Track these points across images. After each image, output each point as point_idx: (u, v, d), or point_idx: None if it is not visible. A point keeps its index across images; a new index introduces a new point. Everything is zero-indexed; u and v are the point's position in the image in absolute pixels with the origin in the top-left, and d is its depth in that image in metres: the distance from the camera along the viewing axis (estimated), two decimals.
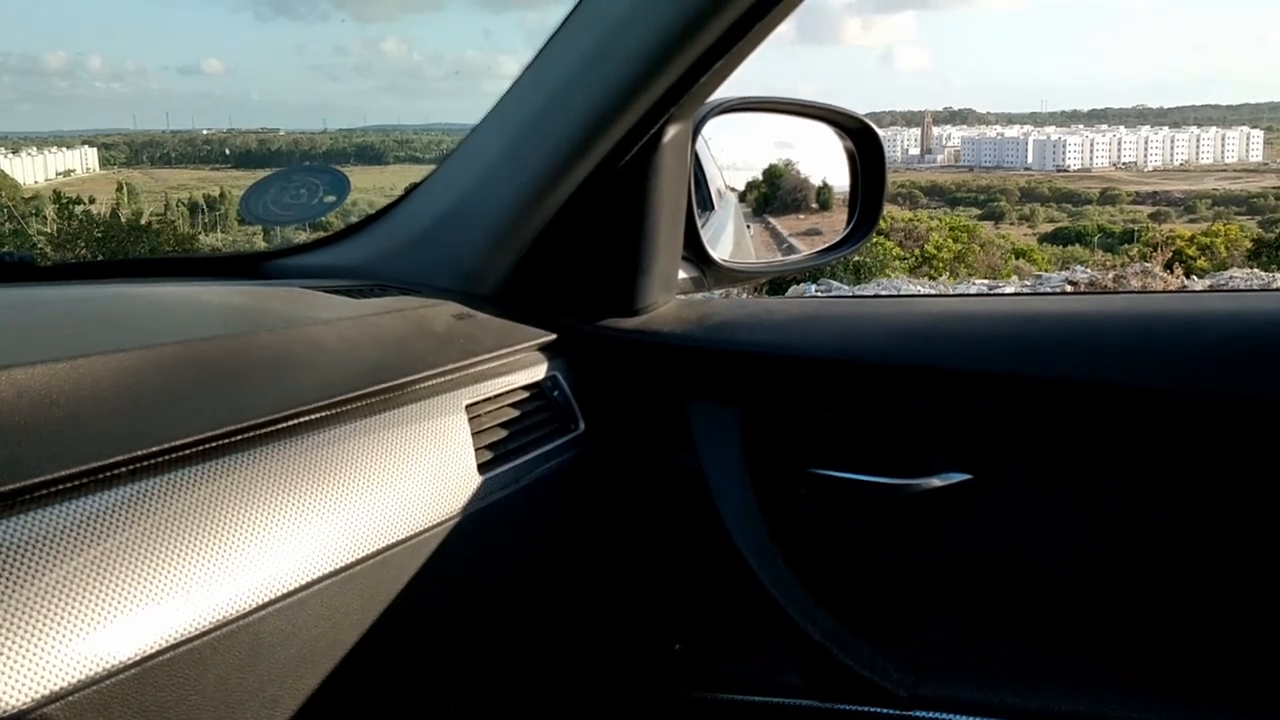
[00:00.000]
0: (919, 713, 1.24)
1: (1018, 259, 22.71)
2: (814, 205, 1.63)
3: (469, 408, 1.14)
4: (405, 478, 1.02)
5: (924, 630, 1.30)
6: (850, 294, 8.27)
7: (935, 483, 1.24)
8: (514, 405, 1.22)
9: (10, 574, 0.68)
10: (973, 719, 1.23)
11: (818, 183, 1.64)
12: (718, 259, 1.45)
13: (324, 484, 0.93)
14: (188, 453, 0.83)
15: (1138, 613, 1.21)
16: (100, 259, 10.56)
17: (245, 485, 0.86)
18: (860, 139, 1.54)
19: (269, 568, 0.85)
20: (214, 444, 0.85)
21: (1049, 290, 8.27)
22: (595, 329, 1.35)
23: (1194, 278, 10.30)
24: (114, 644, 0.73)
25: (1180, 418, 1.14)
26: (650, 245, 1.32)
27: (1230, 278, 10.16)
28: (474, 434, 1.12)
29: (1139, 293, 2.70)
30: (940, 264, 19.16)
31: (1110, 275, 8.21)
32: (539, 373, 1.27)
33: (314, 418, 0.95)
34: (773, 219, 1.60)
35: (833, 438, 1.31)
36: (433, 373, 1.10)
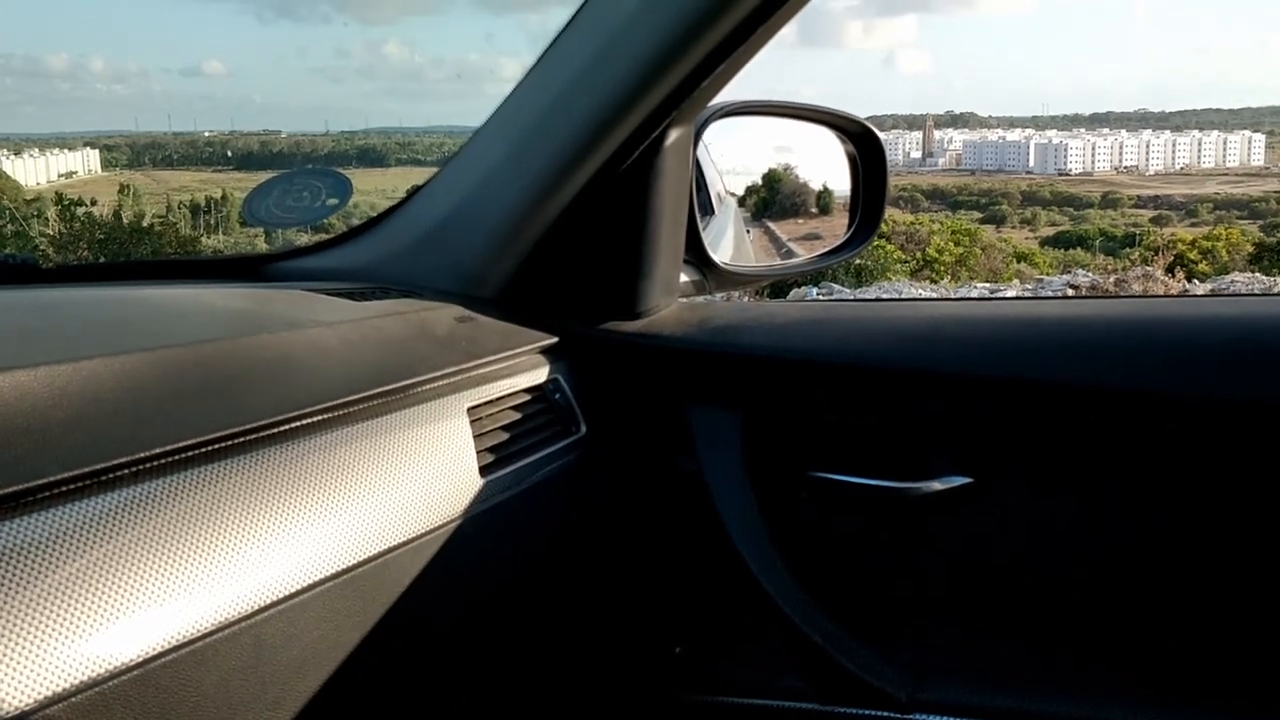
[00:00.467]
0: (918, 716, 1.24)
1: (1019, 262, 22.73)
2: (813, 210, 1.64)
3: (471, 410, 1.14)
4: (407, 480, 1.02)
5: (924, 634, 1.30)
6: (851, 298, 8.28)
7: (936, 486, 1.25)
8: (516, 408, 1.22)
9: (13, 575, 0.68)
10: None
11: (817, 187, 1.64)
12: (719, 262, 1.46)
13: (326, 486, 0.93)
14: (190, 455, 0.83)
15: (1138, 617, 1.21)
16: (102, 260, 10.61)
17: (247, 487, 0.86)
18: (862, 143, 1.54)
19: (271, 570, 0.85)
20: (216, 446, 0.85)
21: (1049, 295, 8.28)
22: (597, 332, 1.36)
23: (1195, 282, 10.31)
24: (116, 645, 0.73)
25: (1180, 422, 1.15)
26: (652, 248, 1.32)
27: (1231, 281, 10.17)
28: (475, 436, 1.13)
29: (1140, 297, 2.72)
30: (942, 267, 19.18)
31: (1112, 279, 8.22)
32: (540, 375, 1.28)
33: (316, 420, 0.95)
34: (771, 223, 1.60)
35: (834, 441, 1.32)
36: (434, 375, 1.10)
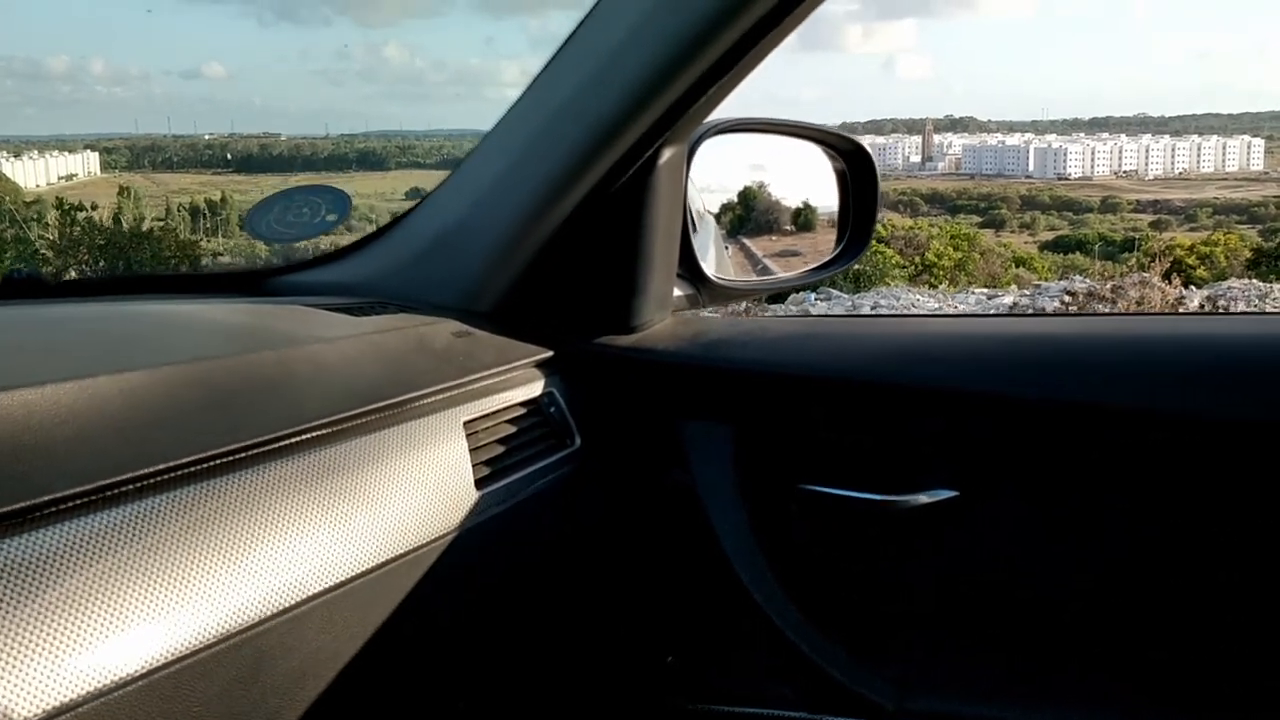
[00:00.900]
0: None
1: (1018, 267, 22.73)
2: (788, 226, 1.66)
3: (467, 424, 1.16)
4: (404, 494, 1.04)
5: (911, 645, 1.32)
6: (842, 313, 8.30)
7: (923, 499, 1.27)
8: (511, 421, 1.24)
9: (21, 588, 0.70)
10: None
11: (791, 204, 1.66)
12: (712, 277, 1.47)
13: (324, 500, 0.95)
14: (192, 470, 0.85)
15: (1123, 629, 1.23)
16: (102, 264, 10.60)
17: (248, 502, 0.88)
18: (852, 160, 1.56)
19: (271, 582, 0.87)
20: (218, 462, 0.87)
21: (1037, 311, 8.29)
22: (591, 346, 1.38)
23: (1192, 288, 10.32)
24: (121, 657, 0.75)
25: (1161, 438, 1.17)
26: (645, 264, 1.34)
27: (1228, 288, 10.18)
28: (471, 450, 1.15)
29: (1126, 314, 2.74)
30: (940, 272, 19.16)
31: (1108, 286, 8.22)
32: (536, 389, 1.30)
33: (315, 435, 0.97)
34: (747, 240, 1.62)
35: (824, 454, 1.34)
36: (431, 390, 1.12)
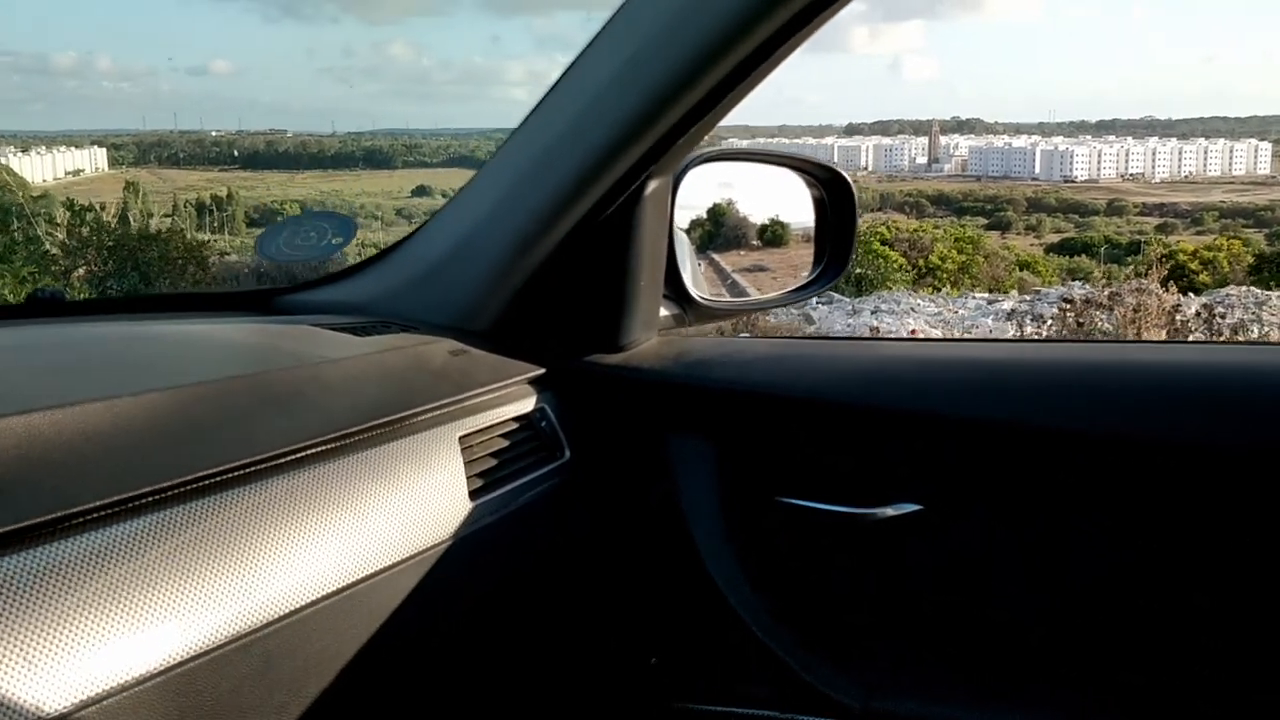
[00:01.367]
0: None
1: (1022, 270, 22.60)
2: (755, 242, 1.71)
3: (462, 439, 1.21)
4: (402, 505, 1.09)
5: (877, 649, 1.37)
6: (819, 336, 8.33)
7: (889, 512, 1.32)
8: (504, 435, 1.29)
9: (49, 591, 0.76)
10: None
11: (757, 221, 1.71)
12: (697, 298, 1.53)
13: (328, 510, 1.01)
14: (206, 484, 0.91)
15: (1078, 637, 1.28)
16: (111, 264, 10.63)
17: (257, 512, 0.94)
18: (831, 187, 1.61)
19: (278, 586, 0.93)
20: (230, 475, 0.93)
21: (1001, 337, 8.31)
22: (581, 364, 1.43)
23: (1191, 295, 10.33)
24: (141, 654, 0.80)
25: (1120, 461, 1.23)
26: (632, 288, 1.40)
27: (1226, 295, 10.19)
28: (466, 463, 1.20)
29: (1085, 341, 2.81)
30: (944, 275, 19.10)
31: (1105, 293, 8.23)
32: (528, 405, 1.35)
33: (319, 450, 1.03)
34: (716, 255, 1.67)
35: (799, 469, 1.39)
36: (428, 407, 1.18)
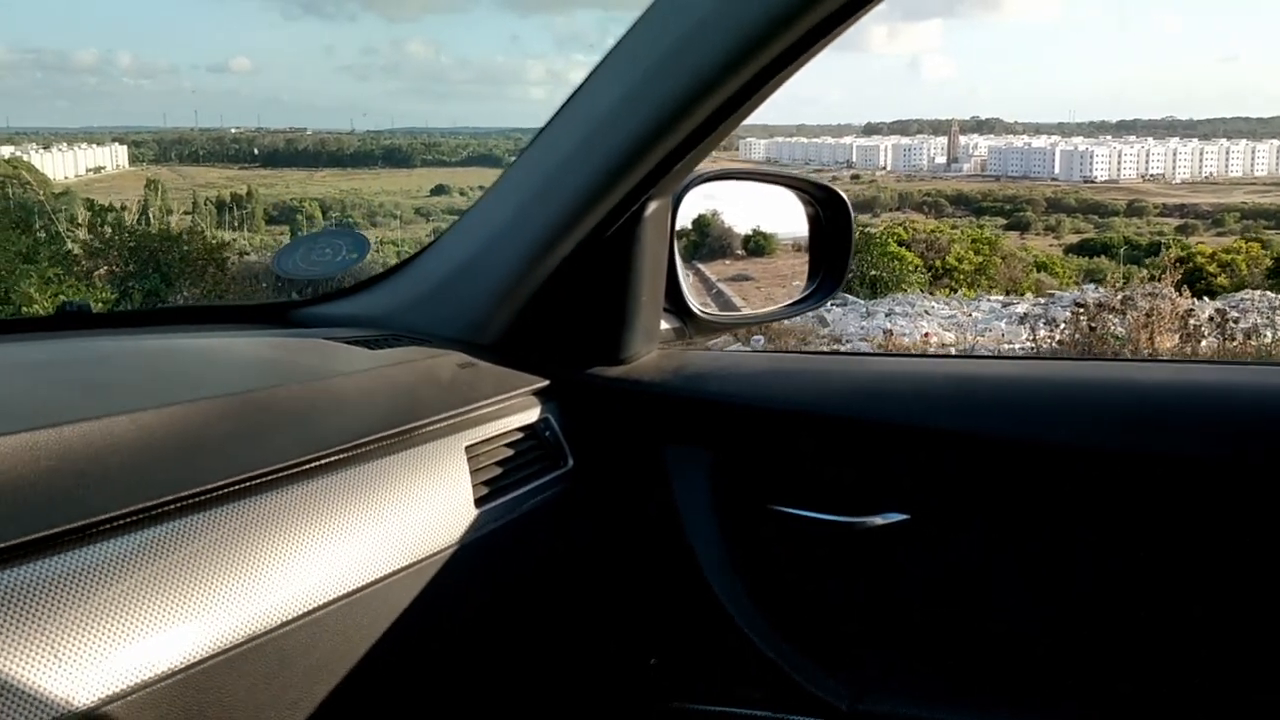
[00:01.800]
0: None
1: (1039, 272, 22.43)
2: (739, 251, 1.75)
3: (468, 448, 1.26)
4: (410, 512, 1.14)
5: (865, 652, 1.42)
6: (813, 351, 8.34)
7: (878, 521, 1.36)
8: (509, 445, 1.34)
9: (78, 593, 0.81)
10: None
11: (741, 231, 1.75)
12: (697, 312, 1.57)
13: (340, 517, 1.05)
14: (225, 492, 0.95)
15: (1061, 644, 1.33)
16: (132, 266, 10.72)
17: (273, 519, 0.98)
18: (827, 206, 1.65)
19: (292, 589, 0.97)
20: (247, 484, 0.97)
21: (992, 354, 8.29)
22: (584, 376, 1.47)
23: (1205, 299, 10.28)
24: (163, 653, 0.85)
25: (1100, 475, 1.28)
26: (633, 303, 1.44)
27: (1240, 299, 10.14)
28: (472, 472, 1.24)
29: (1071, 359, 2.86)
30: (961, 276, 19.00)
31: (1119, 297, 8.19)
32: (533, 415, 1.39)
33: (332, 460, 1.07)
34: (701, 264, 1.70)
35: (792, 478, 1.43)
36: (436, 419, 1.22)
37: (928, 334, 9.37)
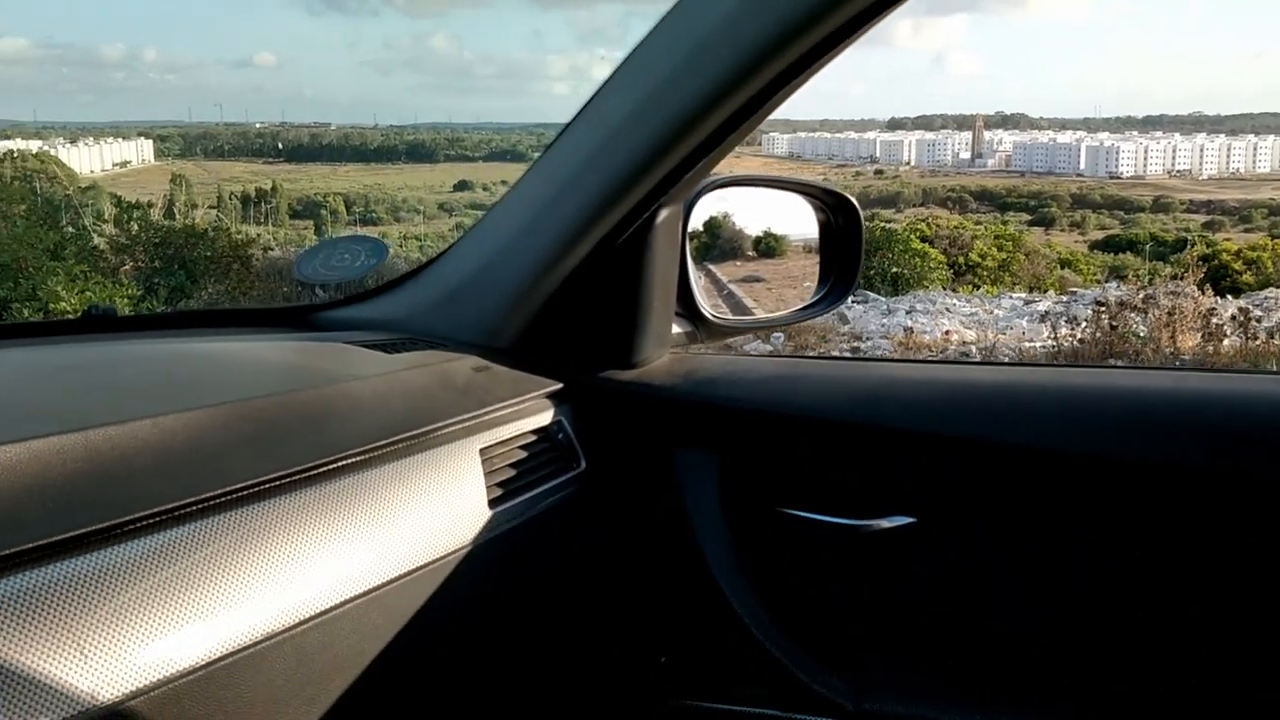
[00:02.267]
0: None
1: (1063, 269, 22.21)
2: (750, 253, 1.75)
3: (483, 451, 1.28)
4: (425, 513, 1.16)
5: (869, 653, 1.44)
6: (823, 356, 8.33)
7: (884, 524, 1.38)
8: (523, 447, 1.36)
9: (102, 591, 0.83)
10: None
11: (752, 233, 1.75)
12: (709, 316, 1.58)
13: (356, 518, 1.07)
14: (245, 494, 0.97)
15: (1062, 646, 1.34)
16: (158, 263, 10.78)
17: (291, 520, 1.00)
18: (838, 212, 1.66)
19: (310, 588, 0.99)
20: (267, 486, 1.00)
21: (999, 360, 8.24)
22: (596, 380, 1.49)
23: (1228, 298, 10.19)
24: (184, 649, 0.87)
25: (1106, 480, 1.29)
26: (645, 308, 1.45)
27: (1265, 298, 10.04)
28: (486, 473, 1.26)
29: (1072, 367, 2.90)
30: (984, 273, 18.85)
31: (1141, 295, 8.13)
32: (546, 418, 1.41)
33: (349, 462, 1.09)
34: (712, 266, 1.71)
35: (800, 482, 1.45)
36: (451, 422, 1.24)
37: (948, 331, 9.30)
